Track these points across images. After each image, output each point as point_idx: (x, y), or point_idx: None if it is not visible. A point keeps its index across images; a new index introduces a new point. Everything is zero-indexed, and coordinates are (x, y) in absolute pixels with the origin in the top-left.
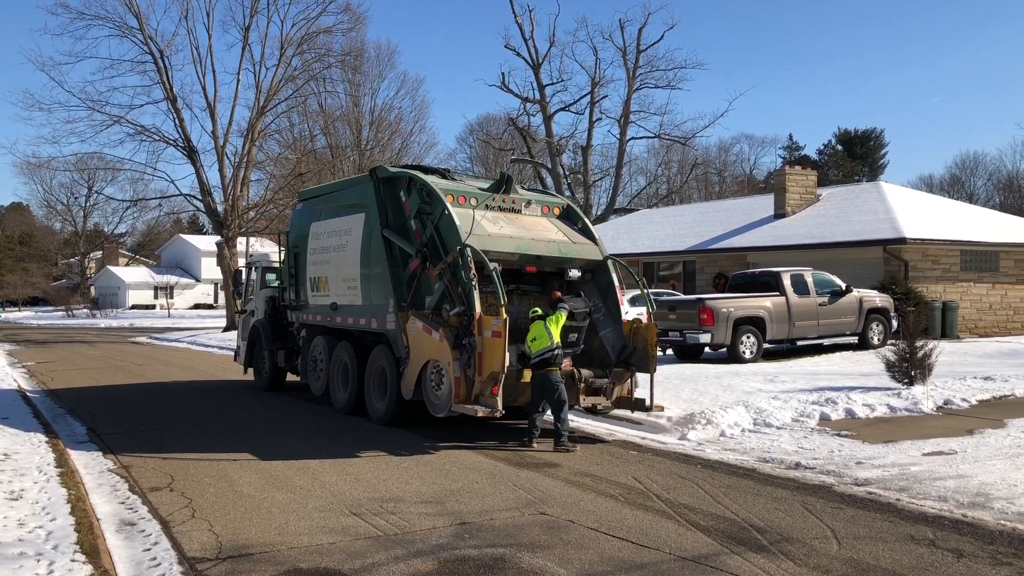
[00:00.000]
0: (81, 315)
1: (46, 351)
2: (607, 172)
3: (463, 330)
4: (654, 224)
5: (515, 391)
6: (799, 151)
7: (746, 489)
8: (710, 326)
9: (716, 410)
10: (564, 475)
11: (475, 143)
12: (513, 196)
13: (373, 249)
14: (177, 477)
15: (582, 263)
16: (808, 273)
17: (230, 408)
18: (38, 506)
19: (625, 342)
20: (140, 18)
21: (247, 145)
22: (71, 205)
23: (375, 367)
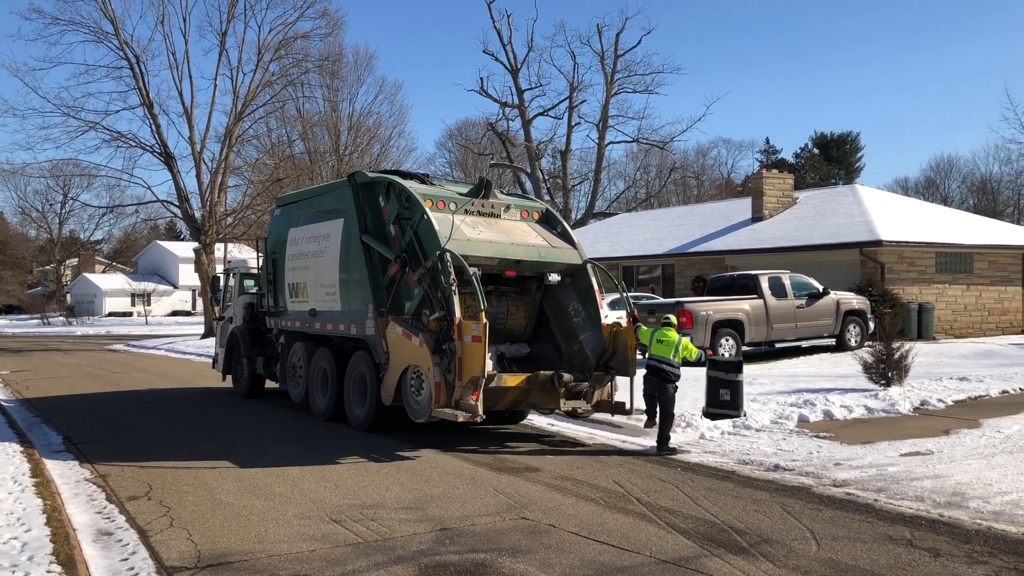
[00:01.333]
0: (57, 323)
1: (21, 360)
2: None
3: (443, 335)
4: (633, 228)
5: (496, 396)
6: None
7: (726, 491)
8: (689, 329)
9: (695, 413)
10: (545, 479)
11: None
12: (492, 201)
13: (352, 254)
14: (155, 486)
15: (561, 267)
16: (786, 276)
17: (209, 415)
18: (13, 517)
19: (605, 346)
20: (115, 23)
21: (224, 151)
22: (46, 212)
23: (355, 373)
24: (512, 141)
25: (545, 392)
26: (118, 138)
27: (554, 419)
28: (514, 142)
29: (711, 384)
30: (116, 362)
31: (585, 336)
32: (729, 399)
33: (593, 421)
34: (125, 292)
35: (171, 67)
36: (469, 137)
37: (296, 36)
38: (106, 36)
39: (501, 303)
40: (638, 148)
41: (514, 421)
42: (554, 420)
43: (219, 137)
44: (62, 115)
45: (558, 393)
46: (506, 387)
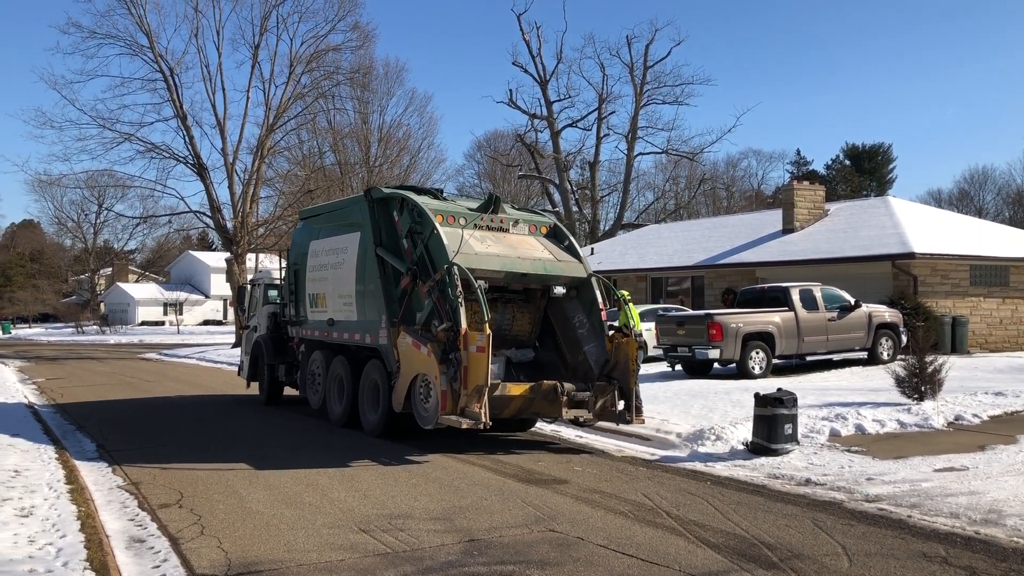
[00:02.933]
0: (91, 331)
1: (56, 367)
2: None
3: (450, 345)
4: (662, 239)
5: (501, 403)
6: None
7: (756, 506)
8: (719, 342)
9: (726, 426)
10: (573, 492)
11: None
12: (501, 216)
13: (367, 267)
14: (186, 494)
15: (566, 280)
16: (817, 288)
17: (239, 424)
18: (48, 523)
19: (608, 357)
20: (151, 36)
21: (256, 162)
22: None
23: (368, 381)
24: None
25: (548, 401)
26: (152, 149)
27: (582, 431)
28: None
29: (775, 420)
30: (148, 370)
31: (589, 347)
32: (791, 432)
33: (621, 434)
34: (158, 301)
35: (204, 79)
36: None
37: (328, 49)
38: (141, 49)
39: (507, 309)
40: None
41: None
42: (582, 432)
43: (251, 149)
44: (98, 127)
45: (560, 402)
46: (511, 396)
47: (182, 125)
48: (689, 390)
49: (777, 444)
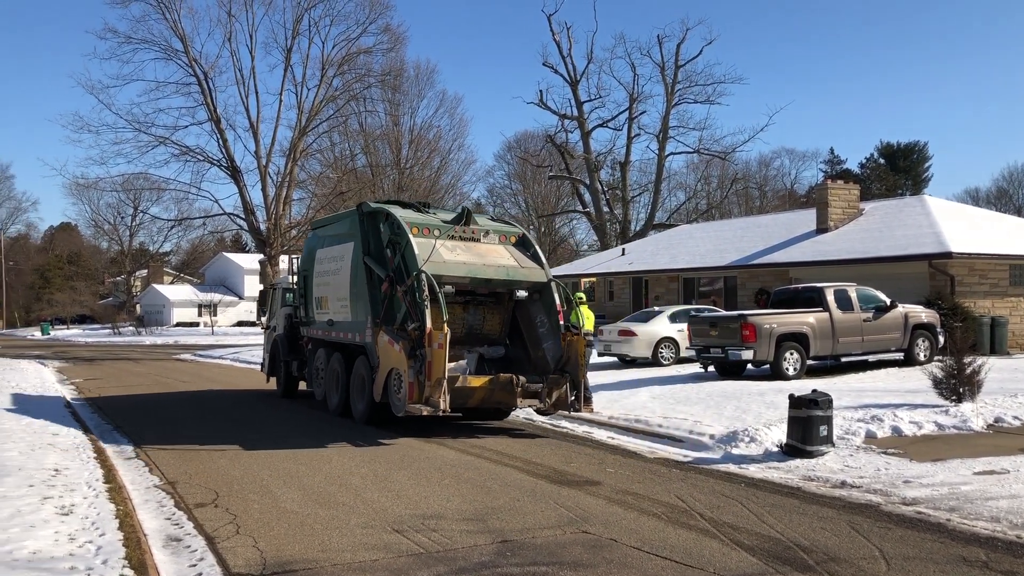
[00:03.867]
0: (127, 333)
1: (93, 368)
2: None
3: (417, 342)
4: (694, 240)
5: (464, 394)
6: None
7: (791, 508)
8: (752, 343)
9: (760, 428)
10: (606, 493)
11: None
12: (473, 227)
13: (358, 273)
14: (222, 493)
15: (529, 285)
16: (852, 288)
17: (275, 424)
18: (87, 521)
19: (562, 353)
20: (185, 41)
21: (289, 164)
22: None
23: (357, 375)
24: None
25: (506, 391)
26: (186, 152)
27: (614, 432)
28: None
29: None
30: (184, 371)
31: (547, 344)
32: (827, 434)
33: (653, 435)
34: (192, 303)
35: (238, 83)
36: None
37: (359, 51)
38: (176, 54)
39: (478, 311)
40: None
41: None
42: (614, 434)
43: (284, 151)
44: (133, 130)
45: (516, 392)
46: (472, 387)
47: (216, 128)
48: (722, 391)
49: (812, 446)
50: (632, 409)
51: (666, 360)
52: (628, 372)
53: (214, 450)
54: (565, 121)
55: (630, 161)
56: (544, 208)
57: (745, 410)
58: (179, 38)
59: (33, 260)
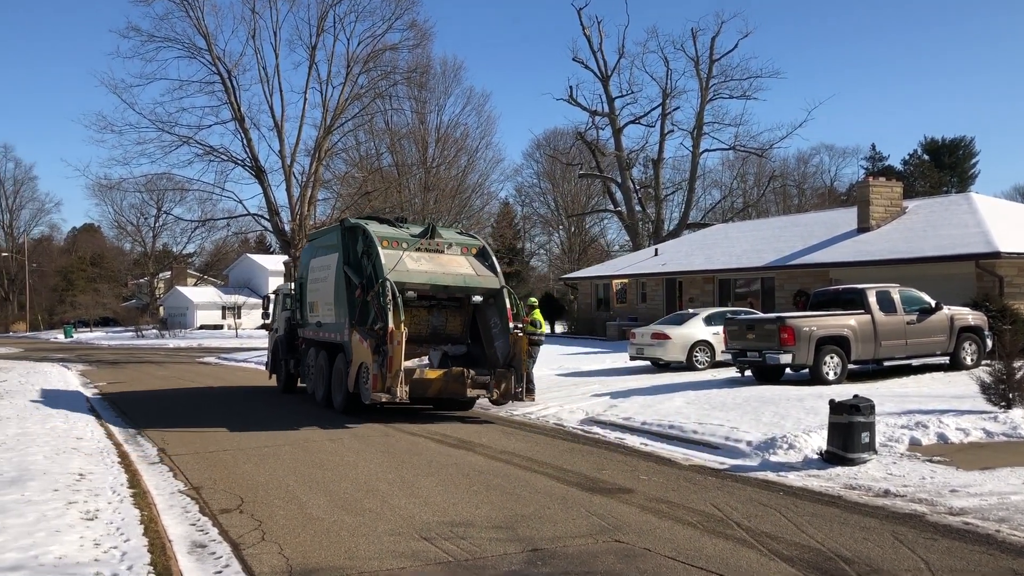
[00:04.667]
0: (150, 335)
1: (117, 371)
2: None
3: (381, 340)
4: (730, 239)
5: (423, 385)
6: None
7: (832, 517)
8: (791, 346)
9: (799, 434)
10: (639, 501)
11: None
12: (437, 240)
13: (340, 280)
14: (247, 499)
15: (484, 291)
16: (895, 290)
17: (301, 432)
18: (112, 526)
19: (509, 350)
20: (208, 39)
21: (314, 164)
22: (141, 226)
23: (337, 369)
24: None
25: (459, 383)
26: (210, 152)
27: (648, 439)
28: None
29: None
30: (208, 374)
31: (499, 343)
32: (869, 441)
33: (689, 442)
34: (216, 305)
35: (262, 81)
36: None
37: (384, 48)
38: (199, 52)
39: (442, 314)
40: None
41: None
42: (648, 440)
43: (309, 150)
44: (157, 130)
45: (466, 384)
46: (429, 379)
47: (240, 127)
48: (759, 396)
49: (854, 453)
50: (666, 415)
51: (701, 364)
52: (661, 377)
53: (239, 452)
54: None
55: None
56: (574, 207)
57: (784, 416)
58: (202, 36)
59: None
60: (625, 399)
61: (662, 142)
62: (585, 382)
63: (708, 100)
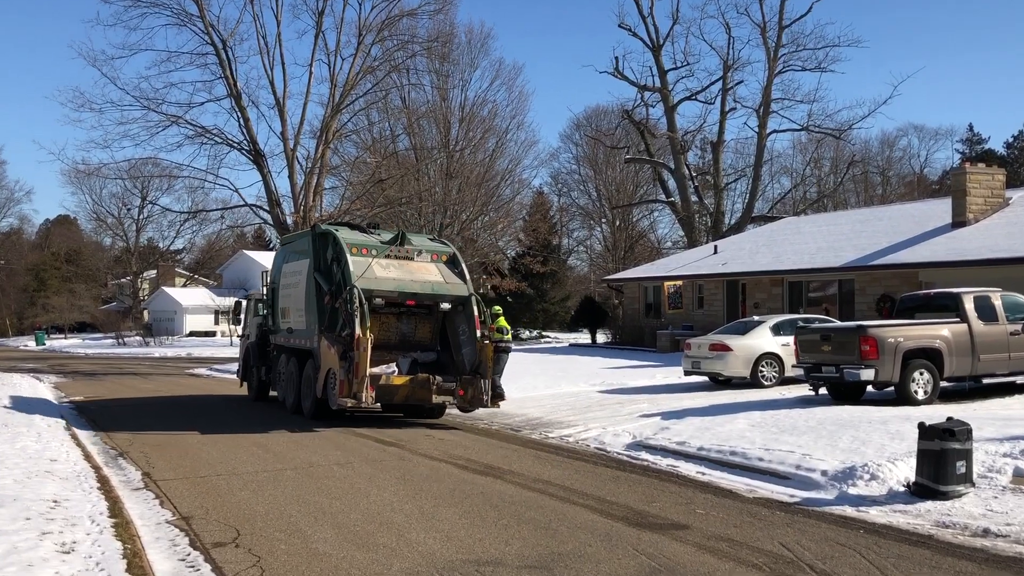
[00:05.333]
0: (133, 343)
1: (95, 384)
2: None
3: (348, 346)
4: (802, 235)
5: (389, 391)
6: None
7: (921, 560)
8: (873, 360)
9: (882, 463)
10: (695, 539)
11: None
12: (407, 247)
13: (311, 286)
14: (243, 531)
15: (452, 298)
16: (996, 295)
17: (302, 452)
18: (91, 561)
19: (476, 357)
20: (200, 4)
21: (320, 148)
22: (123, 217)
23: (307, 375)
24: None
25: (425, 389)
26: (202, 134)
27: (705, 466)
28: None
29: (944, 456)
30: (198, 388)
31: (466, 350)
32: (965, 471)
33: (753, 471)
34: (208, 308)
35: (261, 52)
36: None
37: (401, 14)
38: (190, 18)
39: (411, 321)
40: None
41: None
42: (705, 468)
43: (314, 132)
44: (142, 108)
45: (432, 390)
46: (395, 384)
47: (236, 105)
48: (836, 418)
49: (947, 485)
50: (727, 439)
51: (767, 380)
52: (721, 395)
53: (231, 478)
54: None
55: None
56: (619, 198)
57: (864, 441)
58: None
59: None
60: (679, 420)
61: (722, 121)
62: (632, 400)
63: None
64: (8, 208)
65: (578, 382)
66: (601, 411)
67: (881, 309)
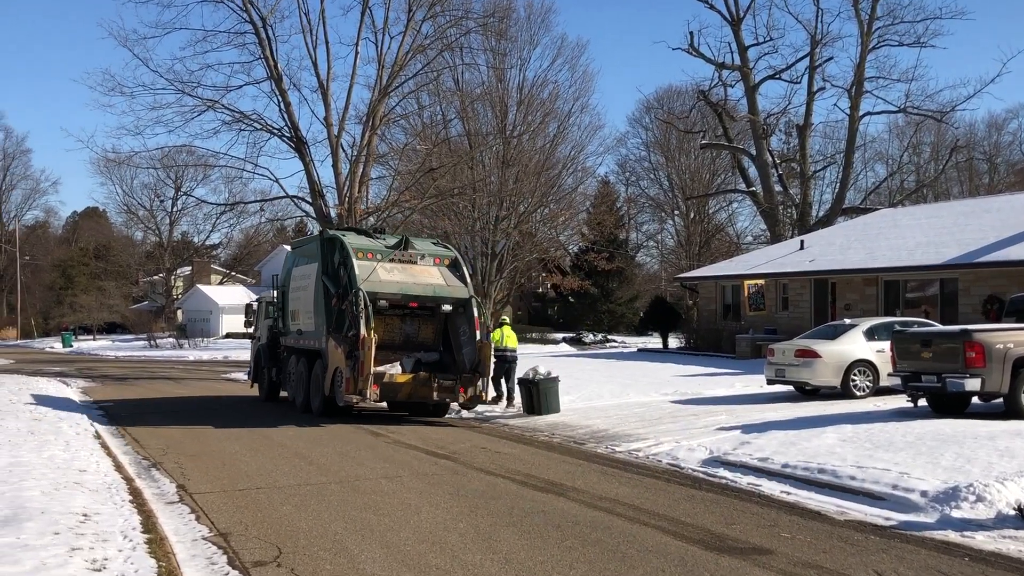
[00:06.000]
0: (166, 345)
1: (125, 389)
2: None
3: (354, 346)
4: (898, 228)
5: (393, 388)
6: None
7: None
8: (979, 368)
9: (990, 483)
10: (780, 565)
11: (653, 124)
12: (411, 251)
13: (319, 289)
14: (285, 549)
15: (453, 301)
16: None
17: (347, 464)
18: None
19: (476, 356)
20: None
21: (367, 134)
22: (155, 210)
23: (315, 374)
24: (731, 114)
25: (426, 386)
26: (240, 119)
27: (790, 485)
28: (733, 115)
29: None
30: (235, 392)
31: (467, 350)
32: None
33: (844, 490)
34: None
35: (303, 30)
36: (673, 110)
37: None
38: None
39: (415, 322)
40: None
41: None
42: (790, 487)
43: (360, 117)
44: (176, 92)
45: (432, 388)
46: (399, 382)
47: (276, 88)
48: (937, 433)
49: None
50: (814, 455)
51: (860, 390)
52: (808, 406)
53: (272, 491)
54: (723, 72)
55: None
56: (694, 187)
57: (970, 459)
58: None
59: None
60: (761, 434)
61: (810, 103)
62: (708, 411)
63: (870, 48)
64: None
65: (648, 391)
66: (674, 423)
67: (988, 311)
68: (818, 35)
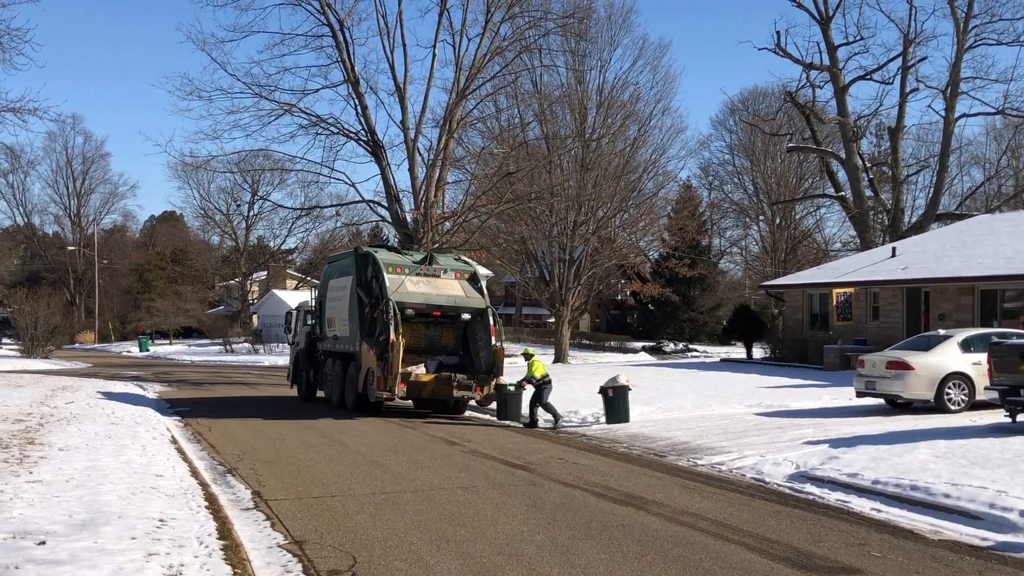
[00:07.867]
0: (241, 350)
1: (202, 393)
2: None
3: (384, 349)
4: (996, 235)
5: (418, 387)
6: None
7: None
8: None
9: None
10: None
11: (737, 127)
12: (435, 266)
13: (353, 299)
14: (360, 558)
15: (471, 310)
16: None
17: (422, 474)
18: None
19: (491, 360)
20: None
21: (443, 137)
22: (232, 214)
23: (350, 375)
24: (819, 116)
25: (447, 385)
26: (317, 123)
27: (881, 502)
28: (822, 117)
29: None
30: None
31: (483, 353)
32: None
33: (939, 508)
34: None
35: (381, 33)
36: (758, 112)
37: None
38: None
39: (437, 329)
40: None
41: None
42: (881, 504)
43: (437, 120)
44: (253, 95)
45: (452, 386)
46: (423, 381)
47: (353, 92)
48: None
49: None
50: (906, 471)
51: (955, 404)
52: (900, 420)
53: (347, 499)
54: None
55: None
56: (780, 192)
57: None
58: None
59: (130, 258)
60: (850, 449)
61: (902, 105)
62: (794, 424)
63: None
64: (112, 203)
65: (731, 402)
66: (758, 436)
67: None
68: (911, 34)
